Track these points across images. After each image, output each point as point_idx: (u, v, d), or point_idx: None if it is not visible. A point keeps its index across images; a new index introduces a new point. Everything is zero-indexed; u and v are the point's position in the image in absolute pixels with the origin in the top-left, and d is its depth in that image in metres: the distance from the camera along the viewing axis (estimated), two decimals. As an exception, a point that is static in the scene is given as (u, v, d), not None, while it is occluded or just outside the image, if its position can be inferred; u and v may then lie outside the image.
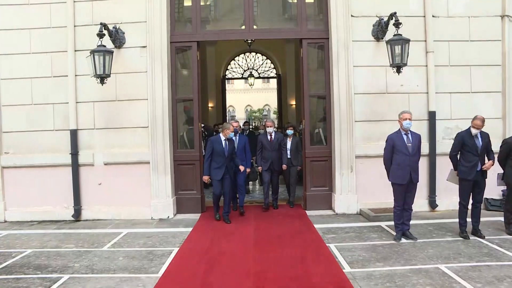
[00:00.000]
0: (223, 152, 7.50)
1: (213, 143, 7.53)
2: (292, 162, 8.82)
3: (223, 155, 7.49)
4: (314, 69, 8.94)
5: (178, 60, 8.76)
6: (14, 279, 5.04)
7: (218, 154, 7.48)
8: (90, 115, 8.15)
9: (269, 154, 8.54)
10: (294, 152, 8.81)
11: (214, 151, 7.48)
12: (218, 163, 7.50)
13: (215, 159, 7.50)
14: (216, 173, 7.52)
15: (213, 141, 7.58)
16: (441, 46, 8.18)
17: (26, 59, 8.18)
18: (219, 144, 7.53)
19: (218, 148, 7.49)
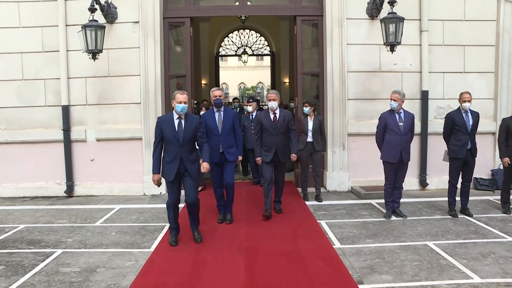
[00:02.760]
0: (175, 138, 5.10)
1: (160, 125, 5.17)
2: (315, 147, 7.45)
3: (175, 142, 5.10)
4: (308, 46, 8.89)
5: (171, 36, 8.66)
6: (7, 253, 5.08)
7: (169, 141, 5.13)
8: (82, 91, 8.09)
9: (273, 139, 6.28)
10: (316, 134, 7.44)
11: (163, 136, 5.15)
12: (170, 154, 5.14)
13: (166, 148, 5.19)
14: (167, 170, 5.16)
15: (160, 121, 5.21)
16: (435, 26, 8.15)
17: (16, 34, 8.05)
18: (167, 126, 5.13)
19: (167, 131, 5.11)
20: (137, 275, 4.36)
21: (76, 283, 4.19)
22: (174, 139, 5.07)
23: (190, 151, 5.17)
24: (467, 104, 6.26)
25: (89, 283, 4.21)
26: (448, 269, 4.43)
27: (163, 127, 5.10)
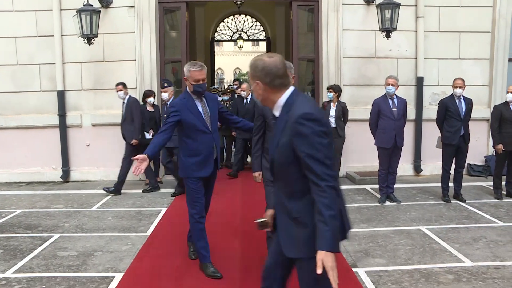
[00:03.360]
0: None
1: None
2: (339, 132, 7.34)
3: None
4: (304, 32, 8.88)
5: (167, 21, 8.62)
6: (5, 237, 5.12)
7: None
8: (77, 76, 8.06)
9: None
10: (339, 120, 7.34)
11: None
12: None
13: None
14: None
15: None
16: (431, 12, 8.15)
17: (9, 17, 7.98)
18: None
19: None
20: (134, 259, 4.42)
21: (74, 267, 4.24)
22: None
23: None
24: (458, 90, 6.30)
25: (86, 266, 4.26)
26: (440, 253, 4.51)
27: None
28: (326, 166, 2.09)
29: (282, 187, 2.29)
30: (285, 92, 2.25)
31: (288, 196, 2.26)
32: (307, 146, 2.09)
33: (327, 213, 2.04)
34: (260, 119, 4.01)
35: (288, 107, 2.21)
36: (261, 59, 2.27)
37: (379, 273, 4.05)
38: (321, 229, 2.06)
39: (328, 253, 2.02)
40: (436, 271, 4.05)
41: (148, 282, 3.90)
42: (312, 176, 2.09)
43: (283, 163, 2.23)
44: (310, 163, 2.08)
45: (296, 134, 2.11)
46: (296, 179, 2.21)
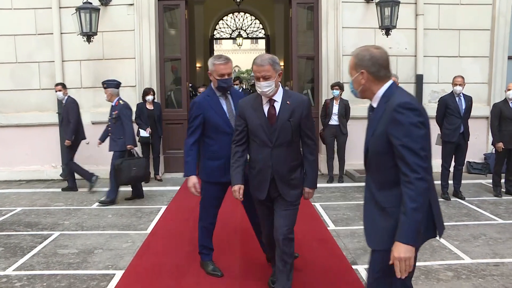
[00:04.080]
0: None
1: None
2: (342, 130, 7.56)
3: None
4: (303, 30, 8.88)
5: (166, 19, 8.61)
6: (5, 235, 5.12)
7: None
8: (76, 74, 8.06)
9: (266, 155, 3.25)
10: (342, 117, 7.51)
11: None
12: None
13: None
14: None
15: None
16: (431, 9, 8.15)
17: (8, 15, 7.97)
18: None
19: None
20: (134, 256, 4.42)
21: (74, 264, 4.25)
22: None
23: None
24: (458, 87, 6.32)
25: (87, 264, 4.27)
26: (440, 250, 4.52)
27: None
28: (420, 157, 2.08)
29: (374, 178, 2.31)
30: (386, 84, 2.27)
31: (379, 187, 2.27)
32: (402, 135, 2.09)
33: (410, 205, 2.05)
34: (242, 123, 3.27)
35: (386, 98, 2.23)
36: (368, 49, 2.31)
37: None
38: (401, 221, 2.09)
39: (402, 245, 2.05)
40: (435, 268, 4.06)
41: (148, 279, 3.91)
42: (404, 166, 2.10)
43: (378, 153, 2.24)
44: (404, 152, 2.09)
45: (392, 122, 2.12)
46: (389, 169, 2.20)
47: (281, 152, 3.19)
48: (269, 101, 3.20)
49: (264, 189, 3.26)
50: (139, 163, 6.43)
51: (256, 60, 3.16)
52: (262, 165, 3.22)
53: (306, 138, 3.29)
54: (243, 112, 3.28)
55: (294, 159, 3.28)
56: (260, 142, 3.21)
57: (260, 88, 3.12)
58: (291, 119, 3.15)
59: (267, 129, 3.16)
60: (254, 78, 3.17)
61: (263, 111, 3.20)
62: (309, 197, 3.43)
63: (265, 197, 3.28)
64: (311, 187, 3.38)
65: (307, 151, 3.32)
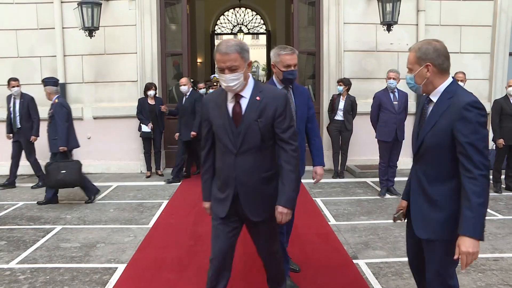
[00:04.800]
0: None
1: None
2: (346, 126, 7.57)
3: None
4: (304, 25, 8.88)
5: (167, 14, 8.62)
6: (8, 229, 5.15)
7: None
8: (78, 69, 8.08)
9: (229, 164, 2.67)
10: (347, 113, 7.53)
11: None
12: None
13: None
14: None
15: None
16: (432, 5, 8.16)
17: (10, 10, 7.98)
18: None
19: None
20: (136, 250, 4.45)
21: (77, 258, 4.28)
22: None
23: None
24: (459, 83, 6.32)
25: (89, 257, 4.30)
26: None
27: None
28: (483, 155, 2.16)
29: (426, 170, 2.35)
30: (447, 78, 2.35)
31: (430, 179, 2.33)
32: (470, 132, 2.16)
33: (476, 200, 2.12)
34: (207, 124, 2.73)
35: (450, 93, 2.30)
36: (430, 42, 2.35)
37: (379, 264, 4.09)
38: (466, 215, 2.14)
39: (469, 239, 2.11)
40: None
41: (150, 272, 3.94)
42: (468, 162, 2.16)
43: (437, 146, 2.29)
44: (470, 149, 2.16)
45: (461, 118, 2.18)
46: (445, 162, 2.28)
47: (248, 160, 2.59)
48: (235, 97, 2.61)
49: (225, 204, 2.65)
50: (70, 166, 5.97)
51: (220, 48, 2.50)
52: (225, 176, 2.65)
53: (281, 142, 2.63)
54: (206, 111, 2.72)
55: (267, 169, 2.66)
56: (224, 148, 2.63)
57: (224, 82, 2.51)
58: (260, 119, 2.56)
59: (231, 131, 2.58)
60: (217, 70, 2.59)
61: (227, 110, 2.61)
62: (282, 219, 2.64)
63: (225, 215, 2.66)
64: (284, 206, 2.62)
65: (283, 158, 2.64)
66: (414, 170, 2.44)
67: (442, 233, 2.27)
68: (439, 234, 2.28)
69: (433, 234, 2.31)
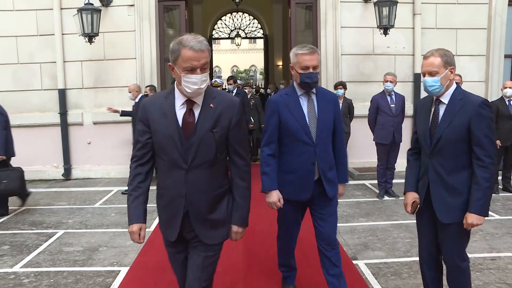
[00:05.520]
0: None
1: None
2: (344, 128, 7.63)
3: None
4: (302, 29, 8.96)
5: (165, 20, 8.69)
6: (11, 234, 5.20)
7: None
8: (78, 75, 8.14)
9: (179, 180, 2.32)
10: (345, 117, 7.35)
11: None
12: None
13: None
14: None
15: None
16: (428, 9, 8.24)
17: (10, 16, 8.04)
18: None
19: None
20: (139, 254, 4.50)
21: (80, 261, 4.33)
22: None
23: None
24: None
25: (92, 261, 4.35)
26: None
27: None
28: (495, 146, 2.65)
29: (444, 162, 2.72)
30: (454, 82, 2.75)
31: (448, 170, 2.71)
32: (485, 127, 2.60)
33: (485, 184, 2.59)
34: (145, 132, 2.31)
35: (460, 94, 2.70)
36: (447, 50, 2.74)
37: (379, 265, 4.15)
38: (476, 197, 2.61)
39: (475, 215, 2.60)
40: None
41: (153, 275, 3.99)
42: (481, 152, 2.60)
43: (454, 140, 2.67)
44: (485, 141, 2.60)
45: (478, 115, 2.60)
46: (461, 154, 2.68)
47: (200, 176, 2.28)
48: (187, 102, 2.26)
49: (175, 226, 2.35)
50: (10, 175, 5.73)
51: (191, 44, 2.13)
52: (172, 194, 2.33)
53: (235, 155, 2.38)
54: (145, 117, 2.30)
55: (219, 185, 2.38)
56: (170, 162, 2.28)
57: (195, 84, 2.16)
58: (215, 129, 2.25)
59: (181, 143, 2.23)
60: (181, 70, 2.17)
61: (176, 118, 2.25)
62: (236, 237, 2.50)
63: (175, 238, 2.37)
64: (240, 225, 2.47)
65: (237, 174, 2.43)
66: (431, 164, 2.76)
67: (460, 216, 2.66)
68: (458, 217, 2.67)
69: (454, 218, 2.69)
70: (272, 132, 3.12)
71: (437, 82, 2.66)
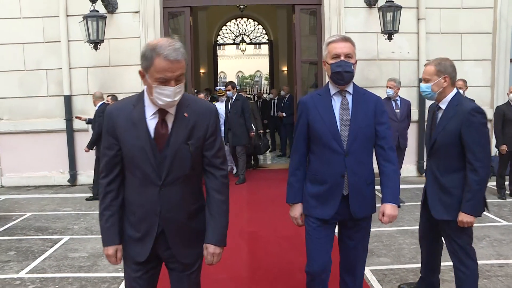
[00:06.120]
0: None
1: None
2: None
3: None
4: (306, 35, 8.97)
5: (170, 26, 8.73)
6: (17, 240, 5.22)
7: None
8: (83, 81, 8.18)
9: (152, 196, 2.10)
10: None
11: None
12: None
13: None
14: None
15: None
16: (433, 14, 8.23)
17: (17, 24, 8.11)
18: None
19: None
20: (144, 260, 4.50)
21: (85, 267, 4.33)
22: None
23: None
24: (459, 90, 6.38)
25: (97, 267, 4.35)
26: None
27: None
28: (486, 151, 2.81)
29: (439, 164, 2.97)
30: (453, 90, 2.96)
31: (442, 171, 2.95)
32: (475, 133, 2.79)
33: (475, 187, 2.79)
34: (113, 145, 2.09)
35: (456, 101, 2.91)
36: (446, 59, 2.98)
37: (384, 271, 4.12)
38: (466, 198, 2.82)
39: (467, 215, 2.83)
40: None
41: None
42: (472, 157, 2.79)
43: (447, 144, 2.90)
44: (475, 146, 2.78)
45: (468, 122, 2.80)
46: (454, 157, 2.89)
47: (175, 192, 2.09)
48: (159, 112, 2.06)
49: (146, 246, 2.13)
50: None
51: (166, 52, 1.93)
52: (145, 212, 2.10)
53: (211, 168, 2.17)
54: (112, 127, 2.07)
55: (195, 200, 2.20)
56: (142, 177, 2.07)
57: (169, 97, 1.97)
58: (190, 141, 2.06)
59: (154, 156, 2.03)
60: (153, 80, 1.98)
61: (147, 128, 2.04)
62: (213, 260, 2.18)
63: (145, 259, 2.15)
64: (216, 244, 2.17)
65: (213, 187, 2.17)
66: (429, 165, 3.06)
67: (455, 214, 2.88)
68: (453, 215, 2.89)
69: (448, 215, 2.93)
70: (298, 137, 2.75)
71: (429, 88, 2.94)
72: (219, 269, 4.22)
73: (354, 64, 2.67)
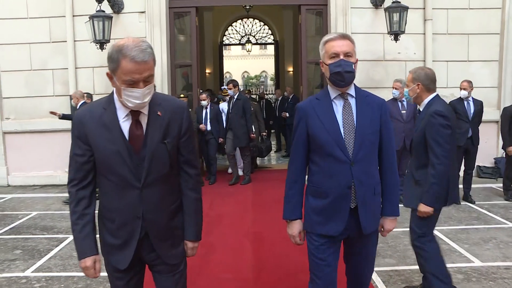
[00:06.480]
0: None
1: None
2: None
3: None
4: (312, 35, 8.95)
5: (176, 26, 8.75)
6: (22, 238, 5.25)
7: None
8: (89, 81, 8.21)
9: (133, 199, 2.07)
10: None
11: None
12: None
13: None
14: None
15: None
16: (439, 14, 8.19)
17: (24, 24, 8.16)
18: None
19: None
20: (148, 259, 4.50)
21: (90, 267, 4.34)
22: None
23: None
24: (463, 92, 6.36)
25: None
26: (450, 253, 4.56)
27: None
28: (443, 148, 3.14)
29: (415, 160, 3.39)
30: (431, 95, 3.32)
31: (417, 167, 3.34)
32: (434, 132, 3.15)
33: (431, 180, 3.16)
34: (84, 150, 2.03)
35: (429, 105, 3.29)
36: (423, 68, 3.44)
37: (389, 272, 4.11)
38: (425, 190, 3.20)
39: (424, 206, 3.22)
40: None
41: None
42: (431, 154, 3.17)
43: (418, 142, 3.30)
44: (434, 145, 3.16)
45: (429, 123, 3.18)
46: (423, 154, 3.27)
47: (156, 192, 2.06)
48: (132, 113, 2.01)
49: (128, 252, 2.12)
50: None
51: (131, 53, 1.85)
52: (126, 217, 2.06)
53: (186, 166, 2.17)
54: (84, 133, 2.01)
55: (175, 199, 2.18)
56: (119, 181, 2.02)
57: (137, 98, 1.91)
58: (167, 140, 2.04)
59: (131, 159, 1.99)
60: (121, 82, 1.91)
61: (121, 131, 2.00)
62: (193, 253, 2.30)
63: (127, 266, 2.15)
64: (195, 240, 2.26)
65: (188, 185, 2.19)
66: (410, 162, 3.50)
67: (417, 203, 3.27)
68: (415, 204, 3.29)
69: (412, 204, 3.34)
70: (296, 146, 2.49)
71: (407, 93, 3.78)
72: (224, 269, 4.23)
73: (355, 63, 2.43)
